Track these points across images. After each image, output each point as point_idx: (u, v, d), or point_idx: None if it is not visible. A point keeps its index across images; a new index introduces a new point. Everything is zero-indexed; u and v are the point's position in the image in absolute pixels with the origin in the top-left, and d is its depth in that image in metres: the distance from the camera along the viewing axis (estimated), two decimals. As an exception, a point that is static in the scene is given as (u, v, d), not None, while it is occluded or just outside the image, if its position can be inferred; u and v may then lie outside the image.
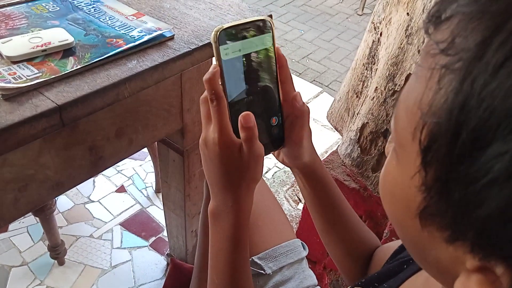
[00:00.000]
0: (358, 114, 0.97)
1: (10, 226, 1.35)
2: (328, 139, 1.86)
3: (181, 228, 1.13)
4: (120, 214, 1.44)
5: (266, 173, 1.68)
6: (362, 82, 0.97)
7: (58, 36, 0.64)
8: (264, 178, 1.64)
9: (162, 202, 1.16)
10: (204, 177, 0.86)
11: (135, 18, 0.72)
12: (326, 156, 1.06)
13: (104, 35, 0.67)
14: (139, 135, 0.76)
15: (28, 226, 1.36)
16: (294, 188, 1.59)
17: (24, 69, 0.58)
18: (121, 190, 1.52)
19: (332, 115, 1.10)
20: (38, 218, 1.17)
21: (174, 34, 0.69)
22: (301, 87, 2.20)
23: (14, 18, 0.69)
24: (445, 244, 0.25)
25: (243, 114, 0.43)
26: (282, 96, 0.49)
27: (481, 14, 0.22)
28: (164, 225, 1.37)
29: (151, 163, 1.48)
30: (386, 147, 0.35)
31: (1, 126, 0.49)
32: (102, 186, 1.52)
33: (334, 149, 1.06)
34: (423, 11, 0.75)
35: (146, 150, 1.52)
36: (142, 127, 0.76)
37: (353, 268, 0.60)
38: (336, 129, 1.11)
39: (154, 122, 0.78)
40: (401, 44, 0.81)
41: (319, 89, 2.21)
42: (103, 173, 1.57)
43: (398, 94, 0.83)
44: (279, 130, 0.49)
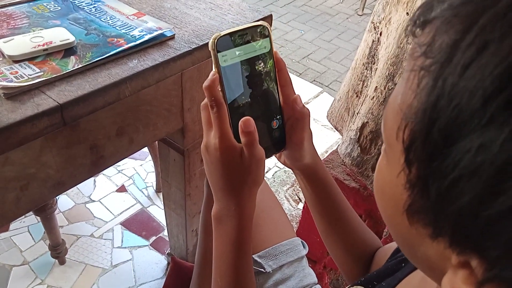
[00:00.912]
0: (358, 113, 0.97)
1: (11, 226, 1.36)
2: (328, 139, 1.86)
3: (181, 227, 1.13)
4: (120, 213, 1.44)
5: (267, 172, 1.69)
6: (362, 82, 0.97)
7: (59, 35, 0.64)
8: (264, 178, 1.65)
9: (162, 202, 1.16)
10: (204, 176, 0.86)
11: (136, 17, 0.72)
12: (326, 155, 1.06)
13: (105, 35, 0.67)
14: (140, 134, 0.76)
15: (29, 225, 1.37)
16: (294, 187, 1.59)
17: (25, 68, 0.58)
18: (121, 189, 1.52)
19: (332, 115, 1.11)
20: (39, 218, 1.18)
21: (174, 34, 0.70)
22: (301, 87, 2.20)
23: (15, 18, 0.69)
24: (430, 240, 0.26)
25: (243, 119, 0.43)
26: (282, 99, 0.49)
27: (454, 17, 0.23)
28: (164, 224, 1.37)
29: (152, 163, 1.49)
30: (382, 147, 0.35)
31: (3, 125, 0.50)
32: (102, 185, 1.53)
33: (334, 148, 1.07)
34: (423, 11, 0.75)
35: (146, 150, 1.52)
36: (142, 126, 0.76)
37: (354, 268, 0.60)
38: (336, 128, 1.11)
39: (154, 122, 0.78)
40: (400, 43, 0.81)
41: (319, 89, 2.22)
42: (104, 172, 1.57)
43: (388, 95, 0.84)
44: (280, 133, 0.50)
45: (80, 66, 0.60)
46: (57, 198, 1.30)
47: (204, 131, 0.46)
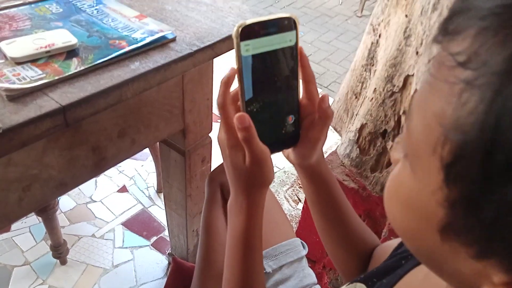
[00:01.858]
0: (357, 115, 0.97)
1: (13, 226, 1.36)
2: (327, 140, 1.86)
3: (182, 227, 1.14)
4: (122, 214, 1.45)
5: (267, 173, 1.69)
6: (361, 84, 0.98)
7: (61, 37, 0.64)
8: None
9: (163, 202, 1.17)
10: (205, 177, 0.87)
11: (138, 20, 0.73)
12: (325, 156, 1.07)
13: (107, 37, 0.68)
14: (141, 136, 0.77)
15: (30, 226, 1.37)
16: (294, 188, 1.59)
17: (28, 70, 0.59)
18: (123, 190, 1.53)
19: (331, 116, 1.11)
20: (40, 218, 1.18)
21: (176, 36, 0.70)
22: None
23: (18, 20, 0.70)
24: (469, 259, 0.24)
25: (238, 115, 0.42)
26: (305, 95, 0.49)
27: (505, 29, 0.21)
28: (165, 224, 1.38)
29: (153, 164, 1.49)
30: (392, 154, 0.34)
31: (6, 126, 0.50)
32: (104, 186, 1.53)
33: (334, 149, 1.07)
34: (421, 13, 0.76)
35: (147, 151, 1.53)
36: (144, 128, 0.77)
37: (352, 267, 0.60)
38: (335, 129, 1.12)
39: (156, 123, 0.79)
40: (399, 45, 0.82)
41: (319, 90, 2.22)
42: (105, 173, 1.58)
43: (411, 99, 0.84)
44: (295, 129, 0.49)
45: (82, 68, 0.60)
46: (58, 198, 1.31)
47: (220, 124, 0.47)
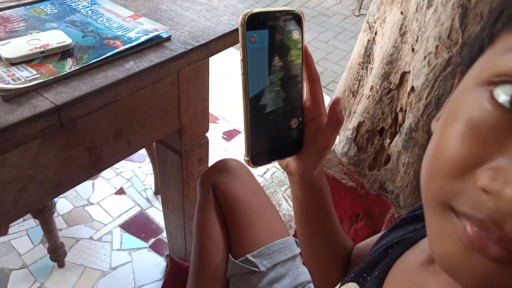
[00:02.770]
0: (354, 113, 0.97)
1: (10, 229, 1.36)
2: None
3: (180, 228, 1.13)
4: (119, 216, 1.44)
5: (265, 173, 1.69)
6: (358, 81, 0.98)
7: (56, 38, 0.64)
8: (262, 178, 1.65)
9: (161, 204, 1.16)
10: (198, 178, 0.87)
11: (132, 19, 0.73)
12: (323, 155, 1.07)
13: (101, 37, 0.68)
14: (137, 136, 0.76)
15: (28, 229, 1.37)
16: (292, 188, 1.59)
17: (23, 70, 0.59)
18: (120, 192, 1.52)
19: (329, 115, 1.11)
20: (37, 221, 1.18)
21: (170, 35, 0.70)
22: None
23: (12, 21, 0.70)
24: None
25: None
26: (309, 97, 0.45)
27: None
28: (163, 226, 1.37)
29: (150, 165, 1.49)
30: None
31: (0, 127, 0.50)
32: (101, 188, 1.53)
33: (331, 148, 1.07)
34: (417, 10, 0.76)
35: (145, 152, 1.53)
36: (140, 128, 0.76)
37: (334, 278, 0.58)
38: (333, 128, 1.11)
39: (152, 123, 0.79)
40: (395, 42, 0.82)
41: (317, 90, 2.22)
42: (102, 175, 1.57)
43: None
44: (298, 134, 0.46)
45: (77, 68, 0.60)
46: (55, 201, 1.31)
47: None
